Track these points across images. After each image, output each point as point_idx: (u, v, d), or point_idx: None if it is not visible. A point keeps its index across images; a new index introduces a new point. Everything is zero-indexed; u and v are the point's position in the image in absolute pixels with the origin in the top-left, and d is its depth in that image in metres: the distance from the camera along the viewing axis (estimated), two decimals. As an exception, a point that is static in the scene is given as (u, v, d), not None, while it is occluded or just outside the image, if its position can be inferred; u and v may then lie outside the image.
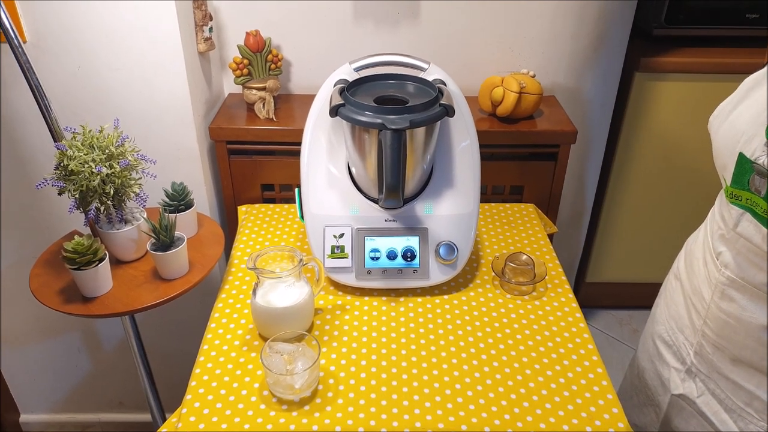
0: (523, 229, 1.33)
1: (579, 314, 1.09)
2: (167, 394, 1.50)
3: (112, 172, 1.05)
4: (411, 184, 1.11)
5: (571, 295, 1.13)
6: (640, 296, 1.86)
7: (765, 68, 0.76)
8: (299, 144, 1.15)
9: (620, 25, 1.57)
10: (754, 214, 0.73)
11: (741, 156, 0.73)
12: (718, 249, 0.83)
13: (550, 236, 1.35)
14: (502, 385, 0.94)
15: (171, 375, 1.64)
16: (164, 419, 1.43)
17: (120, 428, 1.88)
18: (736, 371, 0.84)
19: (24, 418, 1.85)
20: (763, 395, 0.81)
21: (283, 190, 1.50)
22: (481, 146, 1.15)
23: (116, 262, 1.17)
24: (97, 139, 1.06)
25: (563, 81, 1.62)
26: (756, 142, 0.71)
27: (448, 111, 1.01)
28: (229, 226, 1.54)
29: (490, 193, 1.54)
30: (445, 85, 1.09)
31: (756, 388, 0.82)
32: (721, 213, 0.82)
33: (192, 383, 0.94)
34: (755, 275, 0.76)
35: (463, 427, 0.87)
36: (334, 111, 1.00)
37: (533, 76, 1.47)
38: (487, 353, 1.00)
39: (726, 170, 0.77)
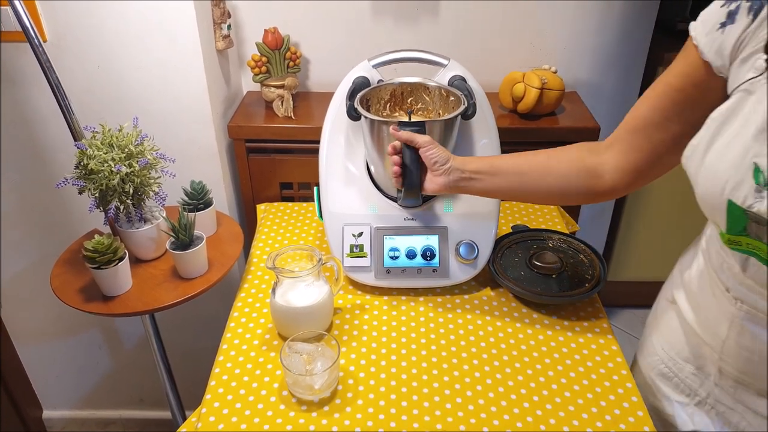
0: (545, 228, 1.31)
1: (602, 315, 1.07)
2: (187, 391, 1.50)
3: (132, 171, 1.05)
4: (431, 182, 1.09)
5: (595, 295, 1.11)
6: (664, 295, 1.83)
7: (728, 102, 0.68)
8: (318, 142, 1.14)
9: (643, 19, 1.54)
10: (759, 258, 0.68)
11: (731, 204, 0.66)
12: (727, 284, 0.77)
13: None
14: (525, 387, 0.92)
15: (190, 372, 1.65)
16: (184, 416, 1.43)
17: (140, 425, 1.90)
18: (761, 404, 0.78)
19: (47, 414, 1.87)
20: None
21: (301, 189, 1.50)
22: (501, 143, 1.13)
23: (136, 261, 1.17)
24: (117, 137, 1.06)
25: (585, 77, 1.59)
26: (745, 188, 0.64)
27: (468, 109, 1.00)
28: (248, 224, 1.54)
29: (510, 190, 1.52)
30: (465, 82, 1.08)
31: None
32: (722, 254, 0.77)
33: (211, 383, 0.94)
34: None
35: (485, 429, 0.85)
36: (352, 113, 0.99)
37: (555, 72, 1.45)
38: (509, 354, 0.98)
39: (716, 218, 0.70)
